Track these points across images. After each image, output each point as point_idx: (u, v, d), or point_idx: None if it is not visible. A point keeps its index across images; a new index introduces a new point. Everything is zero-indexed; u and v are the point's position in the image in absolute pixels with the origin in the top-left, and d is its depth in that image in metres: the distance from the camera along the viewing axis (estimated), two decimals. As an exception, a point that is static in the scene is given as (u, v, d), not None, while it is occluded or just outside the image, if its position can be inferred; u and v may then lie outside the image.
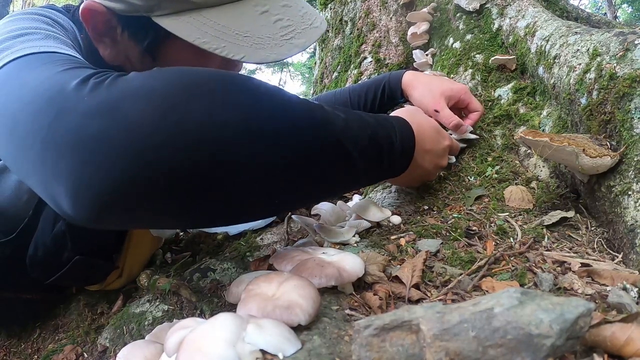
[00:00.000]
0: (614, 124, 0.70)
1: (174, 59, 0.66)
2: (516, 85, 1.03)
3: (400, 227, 0.75)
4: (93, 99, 0.41)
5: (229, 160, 0.43)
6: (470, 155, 0.98)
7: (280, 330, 0.38)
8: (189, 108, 0.41)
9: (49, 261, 0.77)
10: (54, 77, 0.45)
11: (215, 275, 0.77)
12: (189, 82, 0.43)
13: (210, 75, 0.46)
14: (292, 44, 0.61)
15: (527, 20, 1.06)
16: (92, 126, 0.40)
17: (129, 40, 0.65)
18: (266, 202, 0.51)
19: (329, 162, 0.54)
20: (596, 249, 0.65)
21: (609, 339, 0.36)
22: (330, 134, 0.53)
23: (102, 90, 0.42)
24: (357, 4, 1.62)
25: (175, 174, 0.41)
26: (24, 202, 0.74)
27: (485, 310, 0.33)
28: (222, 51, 0.56)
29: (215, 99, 0.43)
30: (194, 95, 0.42)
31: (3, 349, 0.90)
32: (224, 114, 0.43)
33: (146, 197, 0.41)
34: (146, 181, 0.40)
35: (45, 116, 0.41)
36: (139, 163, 0.39)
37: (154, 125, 0.40)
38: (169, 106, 0.41)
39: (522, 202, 0.80)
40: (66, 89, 0.42)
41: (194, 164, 0.41)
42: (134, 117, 0.40)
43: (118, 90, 0.42)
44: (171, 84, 0.43)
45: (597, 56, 0.76)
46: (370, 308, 0.50)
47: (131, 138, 0.39)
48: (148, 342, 0.50)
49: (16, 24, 0.58)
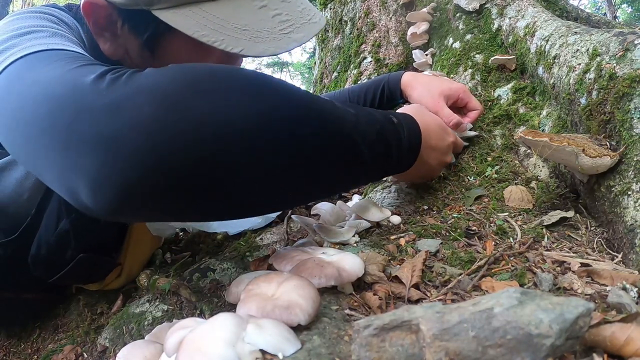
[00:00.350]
0: (614, 124, 0.70)
1: (173, 54, 0.66)
2: (516, 85, 1.03)
3: (400, 227, 0.75)
4: (111, 95, 0.42)
5: (234, 160, 0.44)
6: (470, 155, 0.98)
7: (279, 330, 0.38)
8: (190, 105, 0.42)
9: (52, 260, 0.77)
10: (67, 74, 0.46)
11: (215, 275, 0.77)
12: (192, 79, 0.44)
13: (216, 72, 0.46)
14: (291, 38, 0.61)
15: (526, 20, 1.06)
16: (113, 122, 0.40)
17: (129, 34, 0.65)
18: (278, 196, 0.52)
19: (339, 157, 0.54)
20: (596, 249, 0.65)
21: (608, 339, 0.36)
22: (342, 129, 0.53)
23: (119, 86, 0.42)
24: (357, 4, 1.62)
25: (184, 169, 0.42)
26: (25, 200, 0.74)
27: (485, 310, 0.33)
28: (221, 44, 0.57)
29: (219, 96, 0.44)
30: (197, 92, 0.43)
31: (3, 349, 0.90)
32: (228, 111, 0.43)
33: (163, 191, 0.42)
34: (161, 175, 0.41)
35: (64, 113, 0.42)
36: (156, 158, 0.40)
37: (161, 122, 0.41)
38: (171, 104, 0.41)
39: (522, 202, 0.80)
40: (82, 86, 0.43)
41: (198, 160, 0.42)
42: (149, 113, 0.41)
43: (135, 86, 0.42)
44: (176, 81, 0.43)
45: (597, 56, 0.76)
46: (369, 308, 0.50)
47: (148, 133, 0.40)
48: (148, 342, 0.49)
49: (21, 22, 0.58)
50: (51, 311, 0.94)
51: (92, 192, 0.41)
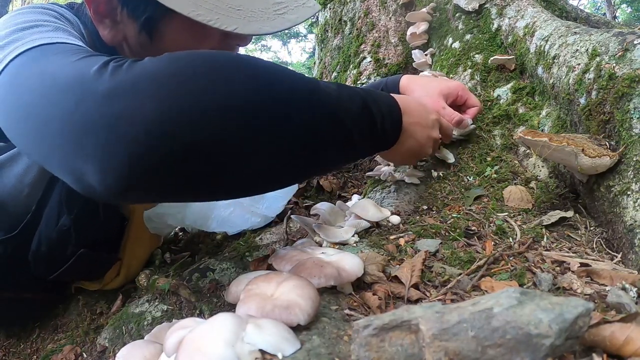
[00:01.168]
0: (613, 124, 0.70)
1: (170, 38, 0.67)
2: (515, 85, 1.03)
3: (399, 227, 0.75)
4: (114, 80, 0.44)
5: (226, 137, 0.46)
6: (470, 155, 0.98)
7: (279, 330, 0.38)
8: (188, 86, 0.44)
9: (53, 256, 0.78)
10: (71, 65, 0.47)
11: (214, 275, 0.77)
12: (188, 63, 0.46)
13: (211, 55, 0.48)
14: (285, 19, 0.63)
15: (526, 20, 1.06)
16: (116, 105, 0.42)
17: (128, 19, 0.67)
18: (268, 174, 0.53)
19: (326, 133, 0.55)
20: (595, 248, 0.65)
21: (608, 338, 0.36)
22: (325, 104, 0.55)
23: (122, 72, 0.44)
24: (357, 4, 1.62)
25: (184, 146, 0.43)
26: (25, 196, 0.75)
27: (484, 310, 0.33)
28: (215, 23, 0.58)
29: (214, 77, 0.46)
30: (194, 74, 0.45)
31: (2, 349, 0.90)
32: (222, 90, 0.45)
33: (168, 169, 0.44)
34: (164, 152, 0.43)
35: (70, 100, 0.44)
36: (158, 135, 0.42)
37: (162, 103, 0.43)
38: (169, 85, 0.44)
39: (521, 202, 0.80)
40: (87, 75, 0.45)
41: (196, 137, 0.44)
42: (150, 95, 0.43)
43: (137, 71, 0.44)
44: (173, 66, 0.45)
45: (596, 56, 0.76)
46: (369, 308, 0.50)
47: (149, 113, 0.42)
48: (147, 342, 0.49)
49: (24, 17, 0.60)
50: (51, 311, 0.94)
51: (99, 171, 0.43)
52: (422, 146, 0.77)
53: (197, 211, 0.96)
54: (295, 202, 1.12)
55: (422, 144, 0.77)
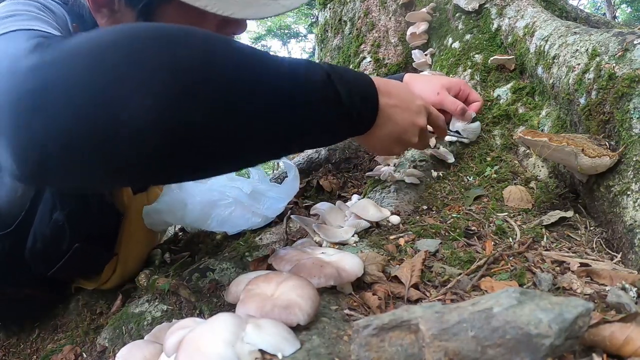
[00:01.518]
0: (613, 124, 0.70)
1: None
2: (515, 85, 1.03)
3: (399, 227, 0.75)
4: (32, 58, 0.42)
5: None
6: (470, 155, 0.98)
7: (279, 330, 0.38)
8: (114, 62, 0.41)
9: (48, 252, 0.78)
10: (16, 46, 0.47)
11: (214, 275, 0.77)
12: (114, 39, 0.43)
13: (155, 27, 0.46)
14: (280, 4, 0.64)
15: (526, 20, 1.06)
16: (30, 81, 0.41)
17: (126, 7, 0.67)
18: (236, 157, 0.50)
19: (275, 111, 0.51)
20: (595, 248, 0.65)
21: (608, 338, 0.36)
22: (272, 77, 0.51)
23: (42, 50, 0.43)
24: (356, 4, 1.62)
25: (103, 127, 0.40)
26: (20, 196, 0.76)
27: (484, 310, 0.33)
28: (212, 8, 0.58)
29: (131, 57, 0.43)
30: (122, 51, 0.42)
31: (2, 349, 0.90)
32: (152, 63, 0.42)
33: (78, 150, 0.41)
34: (77, 133, 0.40)
35: (1, 79, 0.43)
36: (74, 116, 0.40)
37: (78, 82, 0.41)
38: (88, 61, 0.41)
39: (521, 202, 0.80)
40: (18, 55, 0.44)
41: (116, 117, 0.40)
42: (65, 74, 0.41)
43: (57, 49, 0.43)
44: (101, 41, 0.43)
45: (596, 56, 0.76)
46: (369, 308, 0.50)
47: (65, 91, 0.40)
48: (147, 342, 0.49)
49: (8, 7, 0.61)
50: (51, 311, 0.94)
51: (14, 155, 0.41)
52: (404, 132, 0.71)
53: (197, 210, 0.96)
54: (295, 202, 1.12)
55: (404, 128, 0.71)
